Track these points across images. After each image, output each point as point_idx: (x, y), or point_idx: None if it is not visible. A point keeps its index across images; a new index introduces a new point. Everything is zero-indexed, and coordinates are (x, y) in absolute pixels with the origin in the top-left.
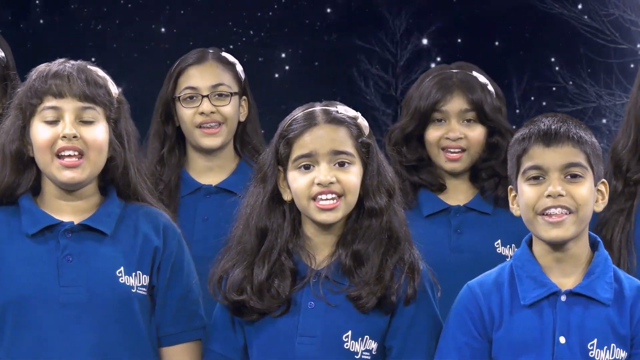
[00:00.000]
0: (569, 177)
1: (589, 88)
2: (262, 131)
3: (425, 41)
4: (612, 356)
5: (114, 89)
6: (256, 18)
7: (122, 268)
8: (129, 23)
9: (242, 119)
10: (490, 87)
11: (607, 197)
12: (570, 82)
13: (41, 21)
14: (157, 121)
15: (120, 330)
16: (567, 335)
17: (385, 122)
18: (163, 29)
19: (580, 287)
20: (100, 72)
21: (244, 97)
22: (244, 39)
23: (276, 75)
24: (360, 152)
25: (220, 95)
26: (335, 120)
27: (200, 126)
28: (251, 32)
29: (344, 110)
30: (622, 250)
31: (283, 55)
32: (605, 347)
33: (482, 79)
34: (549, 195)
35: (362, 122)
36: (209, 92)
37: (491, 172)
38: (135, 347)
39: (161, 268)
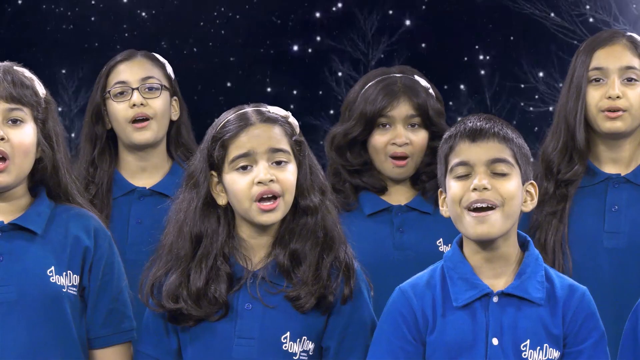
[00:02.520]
0: (494, 172)
1: (560, 88)
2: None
3: (396, 41)
4: (545, 356)
5: (41, 90)
6: (228, 17)
7: (52, 267)
8: None
9: (174, 118)
10: (431, 91)
11: (536, 199)
12: (542, 82)
13: None
14: (88, 123)
15: (51, 329)
16: (500, 336)
17: None
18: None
19: (512, 288)
20: (27, 73)
21: (175, 98)
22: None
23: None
24: (294, 150)
25: (150, 88)
26: (269, 119)
27: (132, 122)
28: (222, 32)
29: (275, 110)
30: (557, 253)
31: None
32: (538, 347)
33: (424, 82)
34: (474, 189)
35: (293, 121)
36: (138, 84)
37: (432, 175)
38: (66, 348)
39: (92, 270)
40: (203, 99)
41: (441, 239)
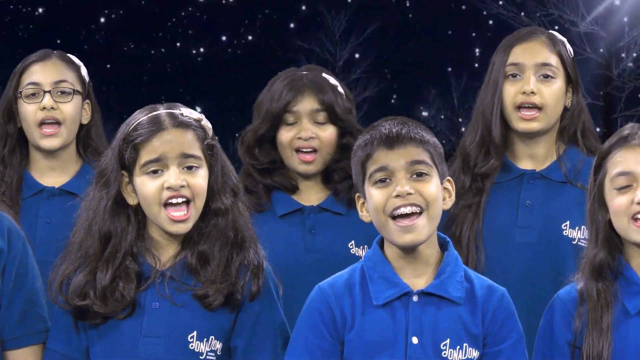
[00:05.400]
0: (415, 175)
1: None
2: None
3: (364, 41)
4: (464, 356)
5: None
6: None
7: None
8: None
9: (85, 121)
10: (340, 89)
11: (453, 195)
12: None
13: None
14: None
15: None
16: (419, 335)
17: None
18: None
19: (432, 287)
20: None
21: (87, 101)
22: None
23: None
24: (206, 154)
25: (62, 92)
26: (182, 124)
27: (41, 124)
28: (190, 32)
29: (188, 112)
30: (471, 246)
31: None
32: (458, 346)
33: (332, 80)
34: (397, 195)
35: (206, 123)
36: (51, 87)
37: (343, 174)
38: None
39: (6, 271)
40: None
41: (353, 241)
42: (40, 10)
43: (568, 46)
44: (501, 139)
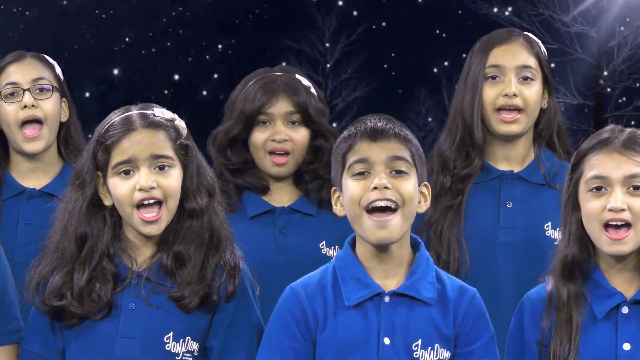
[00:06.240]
0: (394, 172)
1: None
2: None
3: (354, 41)
4: (436, 356)
5: None
6: (185, 17)
7: None
8: None
9: (64, 119)
10: (313, 90)
11: (429, 200)
12: None
13: None
14: None
15: None
16: (391, 336)
17: None
18: None
19: (404, 288)
20: None
21: (64, 99)
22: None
23: None
24: (179, 154)
25: (41, 89)
26: (153, 124)
27: (22, 124)
28: (180, 31)
29: (160, 113)
30: (452, 246)
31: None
32: (430, 347)
33: (305, 82)
34: (375, 188)
35: (180, 123)
36: (29, 85)
37: (314, 175)
38: None
39: None
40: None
41: (324, 242)
42: None
43: (543, 47)
44: (482, 140)
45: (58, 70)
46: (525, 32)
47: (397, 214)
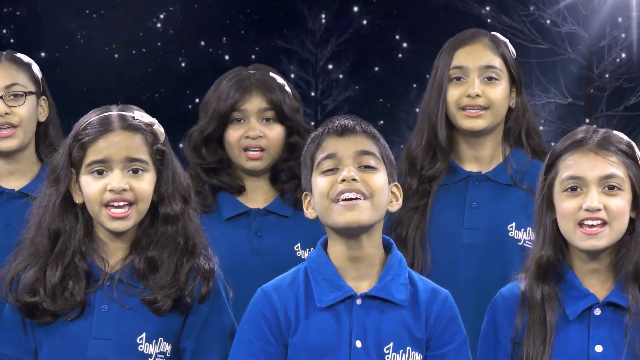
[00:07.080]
0: (363, 167)
1: None
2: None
3: (345, 41)
4: (408, 359)
5: None
6: (176, 17)
7: None
8: None
9: (42, 119)
10: (287, 88)
11: (400, 199)
12: None
13: None
14: None
15: None
16: (363, 339)
17: (305, 121)
18: None
19: (376, 290)
20: None
21: (44, 97)
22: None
23: None
24: (154, 159)
25: (15, 95)
26: (131, 127)
27: None
28: (171, 32)
29: (140, 116)
30: (417, 248)
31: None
32: (401, 350)
33: (279, 79)
34: (343, 180)
35: (158, 128)
36: (2, 93)
37: (291, 174)
38: None
39: None
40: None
41: (299, 244)
42: None
43: (511, 47)
44: (447, 141)
45: (35, 68)
46: (493, 32)
47: (366, 201)
